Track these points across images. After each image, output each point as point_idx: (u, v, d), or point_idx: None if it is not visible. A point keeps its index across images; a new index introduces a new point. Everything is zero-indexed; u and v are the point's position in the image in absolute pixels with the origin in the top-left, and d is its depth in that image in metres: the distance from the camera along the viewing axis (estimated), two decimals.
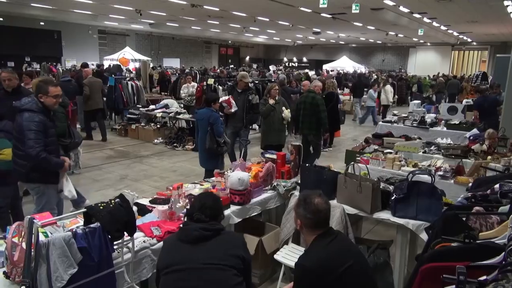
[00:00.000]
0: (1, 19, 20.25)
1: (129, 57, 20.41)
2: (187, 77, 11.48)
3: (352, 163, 3.58)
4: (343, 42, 31.99)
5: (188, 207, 3.16)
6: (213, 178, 4.19)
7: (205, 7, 15.58)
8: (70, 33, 23.83)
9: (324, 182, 3.50)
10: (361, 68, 27.81)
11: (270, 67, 29.98)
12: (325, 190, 2.98)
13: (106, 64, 20.94)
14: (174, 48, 31.04)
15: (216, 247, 2.09)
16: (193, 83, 10.83)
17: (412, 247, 3.55)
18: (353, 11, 13.13)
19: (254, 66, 32.13)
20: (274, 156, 4.14)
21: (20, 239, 2.12)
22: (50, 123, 3.45)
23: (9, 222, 3.79)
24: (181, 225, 2.99)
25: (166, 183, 5.98)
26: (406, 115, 8.34)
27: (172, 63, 27.85)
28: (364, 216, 3.44)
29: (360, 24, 19.44)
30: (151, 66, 18.34)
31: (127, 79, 11.35)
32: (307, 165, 3.75)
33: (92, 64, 17.99)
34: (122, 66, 18.16)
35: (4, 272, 2.18)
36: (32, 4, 16.89)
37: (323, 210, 2.16)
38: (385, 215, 3.24)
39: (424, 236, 2.99)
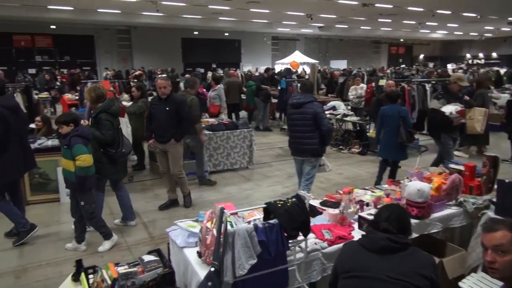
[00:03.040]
0: (196, 32, 24.09)
1: (299, 60, 21.33)
2: (355, 79, 11.22)
3: None
4: None
5: (360, 213, 3.04)
6: (386, 186, 3.94)
7: (376, 5, 14.94)
8: (248, 41, 26.69)
9: None
10: None
11: (449, 65, 26.71)
12: None
13: (277, 68, 22.42)
14: (341, 49, 30.97)
15: (403, 263, 1.90)
16: (362, 85, 10.50)
17: None
18: None
19: (430, 65, 29.16)
20: (462, 167, 3.59)
21: (212, 225, 2.39)
22: None
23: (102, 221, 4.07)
24: (351, 232, 2.91)
25: (331, 185, 5.96)
26: None
27: (339, 64, 27.83)
28: None
29: None
30: (318, 68, 18.72)
31: (296, 81, 11.81)
32: (507, 181, 3.11)
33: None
34: (292, 69, 19.09)
35: (197, 252, 2.51)
36: (220, 18, 19.43)
37: None
38: None
39: None
